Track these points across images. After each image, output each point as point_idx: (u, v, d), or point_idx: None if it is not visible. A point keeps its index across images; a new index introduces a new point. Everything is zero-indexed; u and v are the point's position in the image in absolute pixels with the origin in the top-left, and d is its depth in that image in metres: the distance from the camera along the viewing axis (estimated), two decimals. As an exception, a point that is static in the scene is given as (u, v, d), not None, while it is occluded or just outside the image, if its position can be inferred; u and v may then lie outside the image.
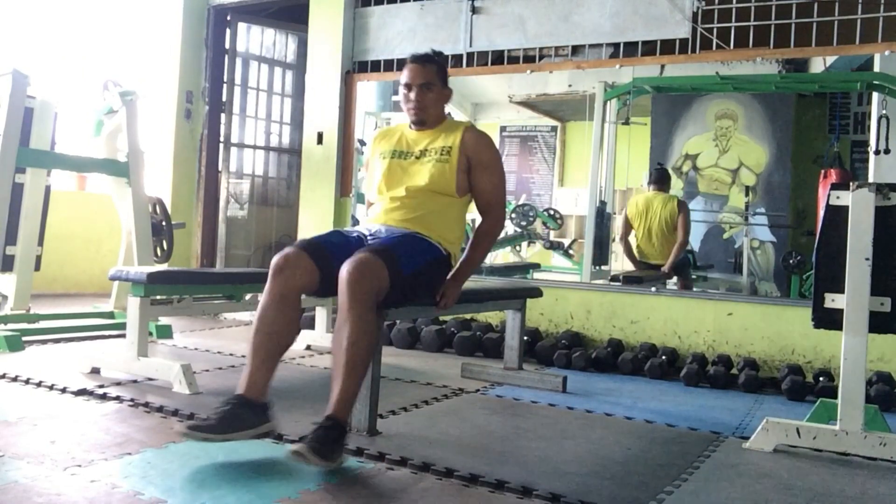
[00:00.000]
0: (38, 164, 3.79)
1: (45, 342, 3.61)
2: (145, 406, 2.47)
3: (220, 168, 5.79)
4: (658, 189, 4.93)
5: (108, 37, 6.02)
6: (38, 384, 2.71)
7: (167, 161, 5.58)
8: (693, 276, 4.94)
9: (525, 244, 5.88)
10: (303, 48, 5.71)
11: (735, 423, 2.71)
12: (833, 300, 2.26)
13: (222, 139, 5.79)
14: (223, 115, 5.79)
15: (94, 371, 2.93)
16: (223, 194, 5.78)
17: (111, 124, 4.15)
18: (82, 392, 2.62)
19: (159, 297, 3.02)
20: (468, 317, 4.32)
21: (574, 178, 6.29)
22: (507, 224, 5.57)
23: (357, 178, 5.04)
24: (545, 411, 2.75)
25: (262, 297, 2.17)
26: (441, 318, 4.21)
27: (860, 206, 2.22)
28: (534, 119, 6.38)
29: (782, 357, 3.63)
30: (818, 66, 4.20)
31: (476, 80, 5.01)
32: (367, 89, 5.58)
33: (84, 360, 2.96)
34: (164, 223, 4.26)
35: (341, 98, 4.98)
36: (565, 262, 5.87)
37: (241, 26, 5.82)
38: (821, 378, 3.32)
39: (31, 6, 5.64)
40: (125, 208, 4.11)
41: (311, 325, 3.96)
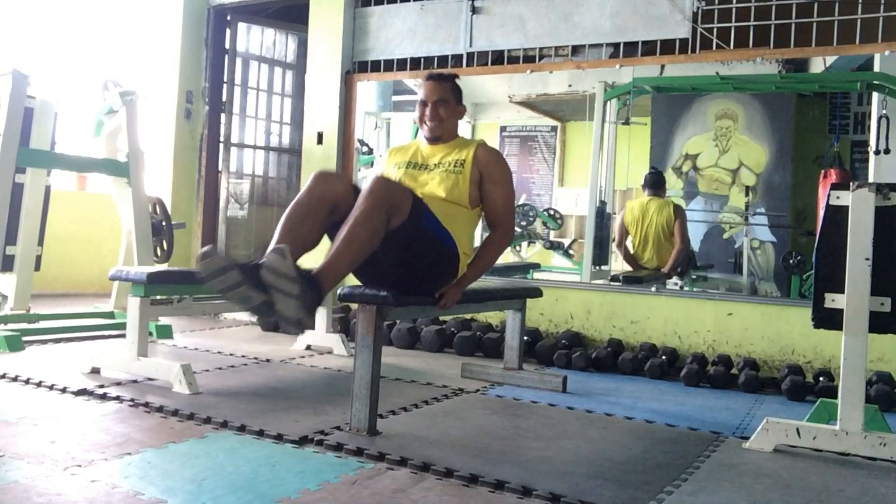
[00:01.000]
0: (38, 164, 3.79)
1: (45, 342, 3.61)
2: (145, 406, 2.47)
3: (220, 168, 5.78)
4: (653, 194, 4.92)
5: (108, 37, 6.02)
6: (38, 384, 2.71)
7: (167, 161, 5.58)
8: (693, 277, 4.94)
9: (525, 244, 5.88)
10: (303, 48, 5.71)
11: (735, 423, 2.71)
12: (833, 300, 2.26)
13: (222, 139, 5.78)
14: (223, 115, 5.79)
15: (94, 371, 2.93)
16: (223, 194, 5.78)
17: (111, 124, 4.15)
18: (82, 392, 2.62)
19: (159, 297, 3.02)
20: (468, 317, 4.32)
21: (574, 178, 6.29)
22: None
23: (357, 179, 5.04)
24: (545, 411, 2.75)
25: (297, 197, 2.22)
26: (441, 318, 4.21)
27: (860, 206, 2.22)
28: (534, 119, 6.38)
29: (782, 357, 3.63)
30: (818, 66, 4.20)
31: (476, 80, 5.01)
32: (367, 89, 5.59)
33: (84, 360, 2.96)
34: (164, 223, 4.25)
35: (341, 98, 4.98)
36: (565, 262, 5.87)
37: (241, 26, 5.82)
38: (821, 378, 3.32)
39: (31, 6, 5.64)
40: (125, 208, 4.11)
41: (311, 325, 3.96)
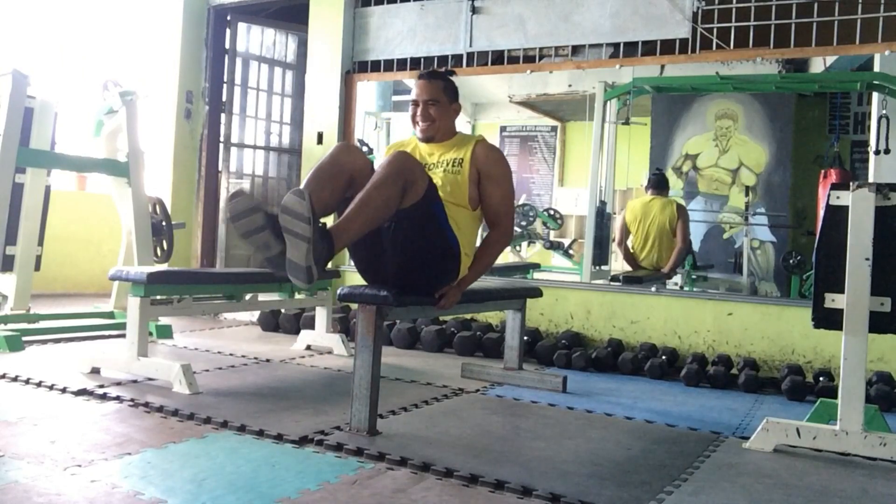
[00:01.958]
0: (38, 164, 3.79)
1: (45, 342, 3.61)
2: (145, 406, 2.47)
3: (220, 168, 5.78)
4: (656, 193, 4.93)
5: (108, 37, 6.02)
6: (38, 384, 2.71)
7: (167, 161, 5.58)
8: (693, 277, 4.94)
9: (525, 244, 5.88)
10: (303, 48, 5.71)
11: (735, 423, 2.71)
12: (833, 300, 2.26)
13: (222, 139, 5.78)
14: (223, 115, 5.79)
15: (94, 371, 2.93)
16: (223, 194, 5.78)
17: (111, 124, 4.15)
18: (82, 392, 2.62)
19: (159, 297, 3.02)
20: (468, 317, 4.32)
21: (574, 178, 6.28)
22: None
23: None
24: (545, 411, 2.75)
25: (319, 162, 2.24)
26: (441, 318, 4.21)
27: (860, 206, 2.22)
28: (534, 119, 6.37)
29: (782, 357, 3.63)
30: (818, 66, 4.20)
31: (476, 80, 5.01)
32: (367, 89, 5.58)
33: (84, 360, 2.96)
34: (164, 223, 4.25)
35: (341, 98, 4.98)
36: (565, 262, 5.87)
37: (241, 26, 5.82)
38: (821, 378, 3.32)
39: (31, 6, 5.64)
40: (125, 208, 4.11)
41: (311, 325, 3.96)
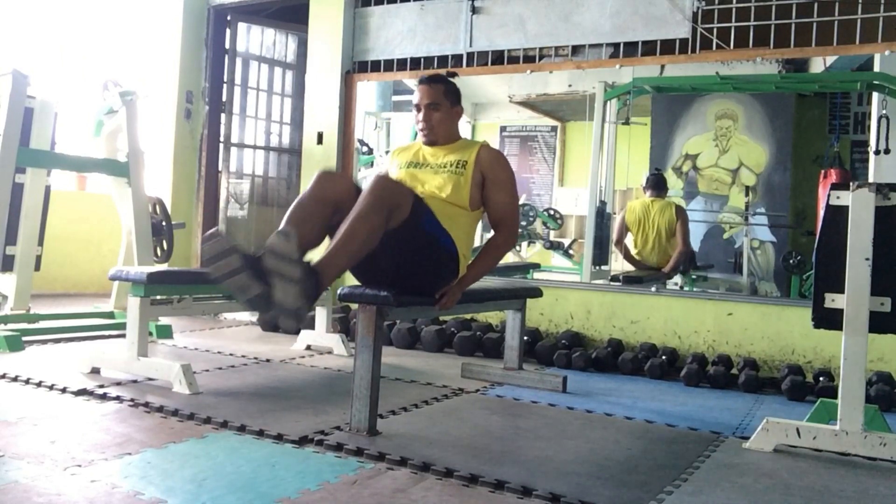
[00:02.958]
0: (38, 164, 3.79)
1: (45, 342, 3.61)
2: (145, 406, 2.47)
3: (220, 168, 5.78)
4: (655, 195, 4.92)
5: (108, 37, 6.02)
6: (38, 384, 2.71)
7: (167, 161, 5.58)
8: (693, 277, 4.94)
9: (525, 244, 5.88)
10: (303, 48, 5.71)
11: (735, 423, 2.71)
12: (833, 300, 2.26)
13: (222, 139, 5.78)
14: (223, 115, 5.78)
15: (94, 371, 2.93)
16: (223, 194, 5.78)
17: (111, 124, 4.15)
18: (82, 392, 2.62)
19: (159, 297, 3.02)
20: (468, 317, 4.32)
21: (574, 178, 6.28)
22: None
23: (357, 179, 5.03)
24: (545, 411, 2.75)
25: (299, 197, 2.25)
26: (441, 318, 4.21)
27: (860, 206, 2.22)
28: (534, 119, 6.37)
29: (782, 357, 3.63)
30: (818, 66, 4.20)
31: (476, 80, 5.01)
32: (367, 89, 5.58)
33: (84, 360, 2.96)
34: (164, 223, 4.25)
35: (341, 98, 4.98)
36: (565, 262, 5.87)
37: (241, 26, 5.82)
38: (821, 378, 3.32)
39: (31, 6, 5.64)
40: (125, 208, 4.11)
41: (311, 325, 3.96)
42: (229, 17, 5.74)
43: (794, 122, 4.99)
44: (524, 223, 5.73)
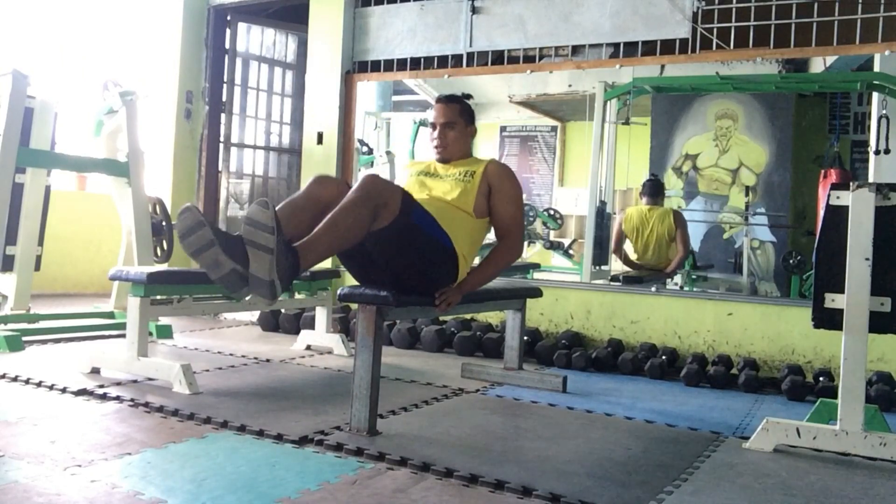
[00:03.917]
0: (38, 164, 3.79)
1: (45, 342, 3.61)
2: (145, 406, 2.47)
3: (220, 168, 5.78)
4: (652, 202, 4.91)
5: (108, 37, 6.02)
6: (38, 384, 2.71)
7: (167, 161, 5.58)
8: (693, 277, 4.94)
9: (525, 244, 5.88)
10: (303, 48, 5.71)
11: (735, 423, 2.71)
12: (833, 300, 2.26)
13: (222, 139, 5.78)
14: (223, 115, 5.79)
15: (94, 371, 2.93)
16: (223, 194, 5.78)
17: (111, 124, 4.15)
18: (82, 392, 2.62)
19: (159, 297, 3.02)
20: (468, 317, 4.32)
21: (574, 178, 6.29)
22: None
23: (358, 179, 5.03)
24: (545, 411, 2.75)
25: (292, 195, 2.27)
26: (441, 318, 4.21)
27: (860, 206, 2.22)
28: (534, 119, 6.38)
29: (782, 357, 3.63)
30: (818, 66, 4.20)
31: (476, 80, 5.01)
32: (367, 89, 5.58)
33: (84, 360, 2.96)
34: (164, 223, 4.25)
35: (341, 98, 4.98)
36: (565, 262, 5.87)
37: (241, 26, 5.82)
38: (821, 378, 3.31)
39: (31, 6, 5.64)
40: (125, 208, 4.11)
41: (311, 325, 3.96)
42: (229, 17, 5.74)
43: (794, 122, 4.99)
44: (524, 223, 5.73)
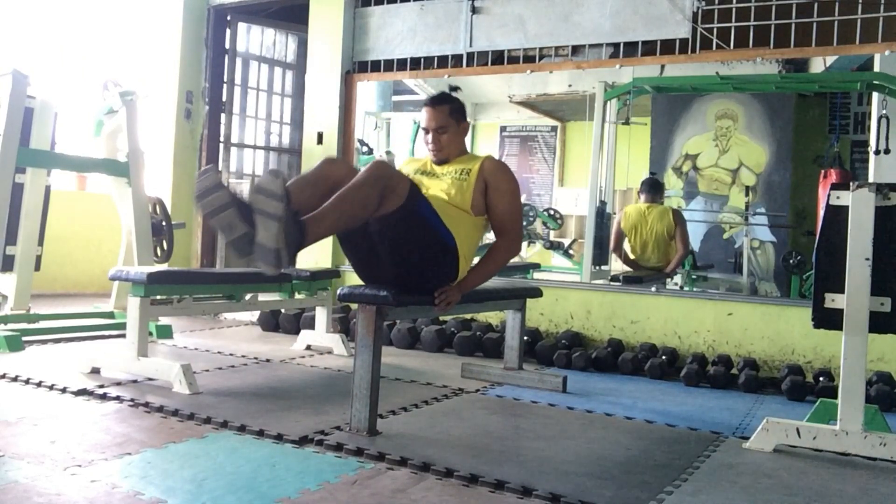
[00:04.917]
0: (38, 164, 3.79)
1: (45, 342, 3.61)
2: (145, 406, 2.47)
3: (220, 168, 5.79)
4: (651, 200, 4.90)
5: (108, 37, 6.02)
6: (38, 384, 2.71)
7: (167, 161, 5.58)
8: (693, 277, 4.94)
9: (525, 244, 5.88)
10: (303, 48, 5.71)
11: (735, 423, 2.71)
12: (833, 300, 2.26)
13: (222, 139, 5.79)
14: (223, 115, 5.79)
15: (94, 371, 2.93)
16: (223, 194, 5.77)
17: (111, 124, 4.15)
18: (82, 392, 2.62)
19: (159, 297, 3.02)
20: (468, 317, 4.32)
21: (574, 178, 6.28)
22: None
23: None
24: (545, 411, 2.75)
25: (303, 172, 2.28)
26: (441, 318, 4.21)
27: (860, 206, 2.22)
28: (534, 119, 6.38)
29: (782, 357, 3.63)
30: (818, 66, 4.20)
31: (476, 80, 5.01)
32: (367, 89, 5.58)
33: (84, 360, 2.96)
34: (164, 223, 4.25)
35: (341, 98, 4.98)
36: (565, 262, 5.87)
37: (241, 26, 5.82)
38: (821, 378, 3.32)
39: (31, 6, 5.64)
40: (125, 208, 4.11)
41: (311, 325, 3.96)
42: (229, 17, 5.74)
43: (794, 122, 4.99)
44: (524, 223, 5.73)
